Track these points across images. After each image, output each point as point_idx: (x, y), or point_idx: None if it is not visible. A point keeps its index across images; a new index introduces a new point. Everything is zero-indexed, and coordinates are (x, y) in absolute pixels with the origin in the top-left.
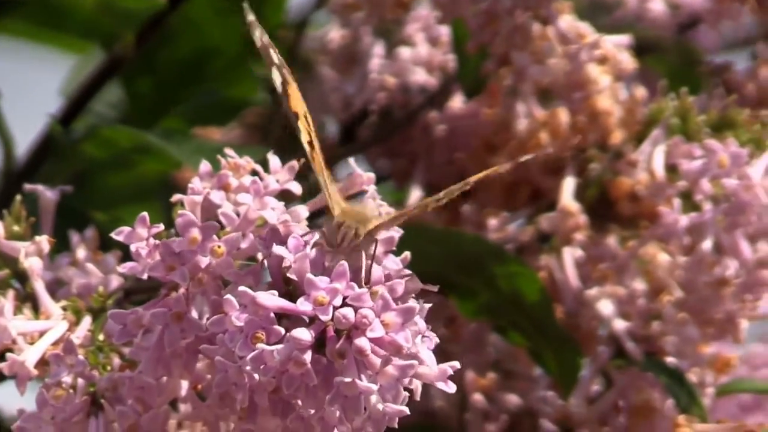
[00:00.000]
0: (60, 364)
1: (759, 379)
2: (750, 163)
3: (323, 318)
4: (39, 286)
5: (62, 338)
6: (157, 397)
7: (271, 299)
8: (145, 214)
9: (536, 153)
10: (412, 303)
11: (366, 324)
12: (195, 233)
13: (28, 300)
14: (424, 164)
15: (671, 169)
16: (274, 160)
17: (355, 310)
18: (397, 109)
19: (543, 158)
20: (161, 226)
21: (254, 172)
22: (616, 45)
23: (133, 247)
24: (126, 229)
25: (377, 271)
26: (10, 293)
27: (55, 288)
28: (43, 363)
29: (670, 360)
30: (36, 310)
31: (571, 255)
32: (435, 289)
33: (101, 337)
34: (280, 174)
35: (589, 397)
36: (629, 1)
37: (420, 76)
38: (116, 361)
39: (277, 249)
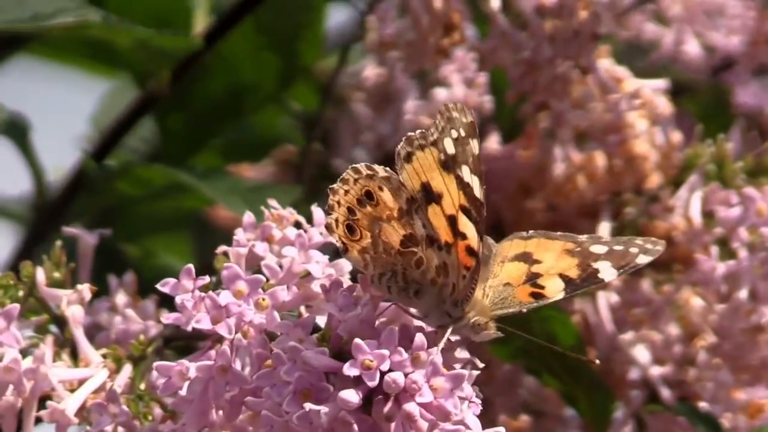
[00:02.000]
0: (103, 413)
1: None
2: None
3: (370, 383)
4: (79, 334)
5: (102, 386)
6: None
7: (318, 358)
8: (190, 266)
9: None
10: (461, 370)
11: (416, 389)
12: (241, 286)
13: (66, 346)
14: None
15: (707, 215)
16: (317, 212)
17: (405, 374)
18: None
19: (579, 201)
20: (207, 279)
21: (297, 224)
22: (653, 89)
23: (178, 299)
24: (171, 280)
25: (421, 336)
26: (49, 339)
27: (93, 332)
28: (82, 410)
29: (703, 405)
30: (74, 356)
31: (605, 299)
32: (481, 365)
33: (142, 386)
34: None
35: None
36: (665, 44)
37: None
38: (157, 410)
39: (326, 306)
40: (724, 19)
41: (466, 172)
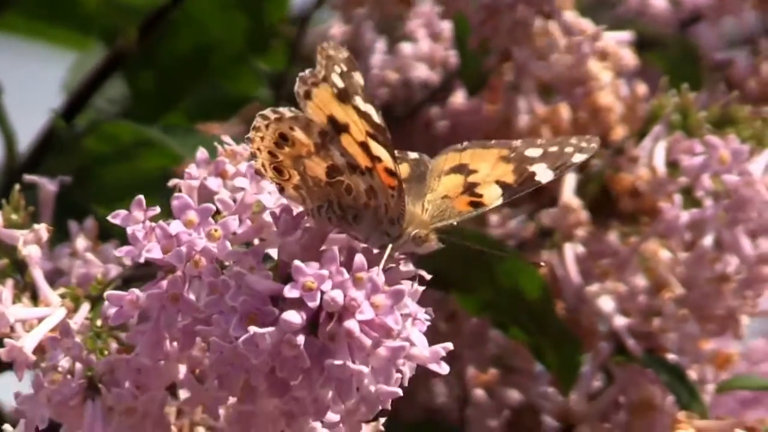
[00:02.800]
0: (57, 348)
1: (759, 374)
2: (751, 160)
3: (310, 304)
4: (37, 274)
5: (60, 325)
6: (155, 379)
7: (260, 282)
8: (141, 197)
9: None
10: (401, 286)
11: (355, 306)
12: (191, 215)
13: (26, 289)
14: None
15: (672, 165)
16: None
17: (345, 293)
18: (398, 104)
19: None
20: (157, 209)
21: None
22: (618, 41)
23: (129, 230)
24: (122, 212)
25: (360, 256)
26: (9, 282)
27: (55, 278)
28: (41, 350)
29: (670, 356)
30: (35, 299)
31: (572, 251)
32: (427, 276)
33: (99, 323)
34: None
35: (589, 393)
36: None
37: (422, 72)
38: (114, 346)
39: (269, 231)
40: None
41: (360, 102)
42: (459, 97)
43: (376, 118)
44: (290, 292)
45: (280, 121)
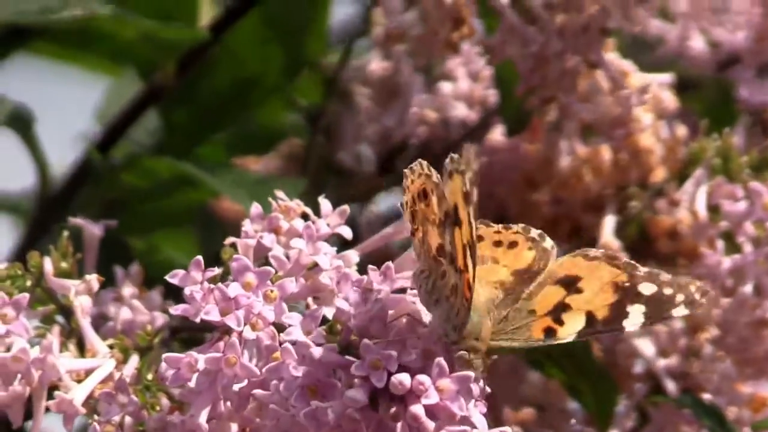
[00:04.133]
0: (112, 403)
1: None
2: None
3: (377, 384)
4: (86, 324)
5: (110, 377)
6: None
7: (326, 355)
8: (199, 258)
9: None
10: (467, 372)
11: (422, 391)
12: (250, 278)
13: (72, 336)
14: None
15: (713, 209)
16: (325, 204)
17: (412, 375)
18: (436, 142)
19: (584, 195)
20: (216, 270)
21: (305, 215)
22: (659, 84)
23: (187, 291)
24: (180, 272)
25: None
26: (56, 329)
27: (99, 323)
28: (89, 400)
29: (707, 397)
30: (80, 346)
31: None
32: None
33: (150, 376)
34: (331, 218)
35: None
36: (670, 39)
37: (460, 111)
38: (164, 401)
39: (338, 302)
40: (729, 15)
41: (472, 213)
42: (497, 135)
43: (474, 232)
44: (358, 370)
45: (429, 178)
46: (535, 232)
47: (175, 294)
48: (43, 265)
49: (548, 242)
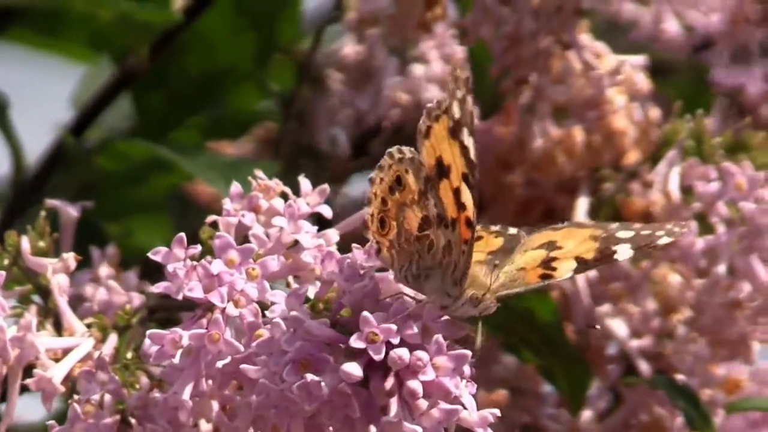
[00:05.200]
0: (91, 381)
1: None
2: (766, 187)
3: (376, 357)
4: (64, 303)
5: (88, 355)
6: (189, 417)
7: (322, 329)
8: (182, 234)
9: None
10: (464, 350)
11: (420, 366)
12: (233, 255)
13: (49, 315)
14: None
15: (686, 190)
16: (305, 183)
17: (410, 349)
18: (409, 124)
19: (558, 177)
20: (198, 248)
21: (283, 195)
22: (632, 66)
23: (170, 267)
24: (163, 249)
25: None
26: (33, 308)
27: (75, 304)
28: (67, 379)
29: (680, 378)
30: (57, 325)
31: (583, 274)
32: (479, 339)
33: (129, 354)
34: (311, 197)
35: (598, 414)
36: (644, 22)
37: (433, 94)
38: (144, 380)
39: (332, 275)
40: None
41: (466, 135)
42: None
43: (473, 154)
44: (356, 342)
45: (401, 162)
46: (495, 227)
47: (150, 276)
48: (21, 243)
49: (512, 229)
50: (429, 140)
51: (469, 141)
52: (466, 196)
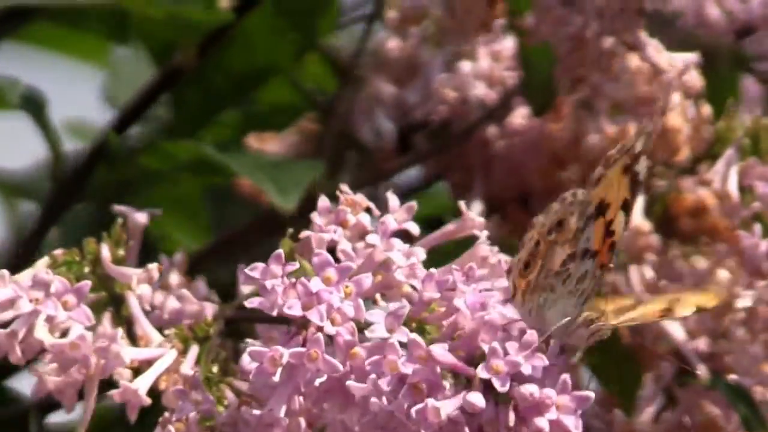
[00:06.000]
0: (185, 400)
1: None
2: None
3: (501, 390)
4: (140, 313)
5: (171, 367)
6: None
7: (446, 355)
8: (280, 251)
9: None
10: (588, 392)
11: (548, 406)
12: (330, 273)
13: (122, 324)
14: (482, 179)
15: (744, 190)
16: (392, 199)
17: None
18: (456, 122)
19: None
20: (296, 264)
21: (368, 210)
22: (685, 63)
23: (268, 284)
24: (260, 265)
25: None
26: (107, 316)
27: None
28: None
29: (734, 378)
30: (130, 334)
31: (637, 272)
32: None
33: (215, 369)
34: (398, 213)
35: (650, 415)
36: (687, 11)
37: (480, 90)
38: (230, 395)
39: (457, 302)
40: None
41: (641, 164)
42: (518, 117)
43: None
44: (482, 372)
45: (570, 205)
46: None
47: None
48: (100, 251)
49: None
50: (599, 186)
51: (642, 166)
52: (618, 223)
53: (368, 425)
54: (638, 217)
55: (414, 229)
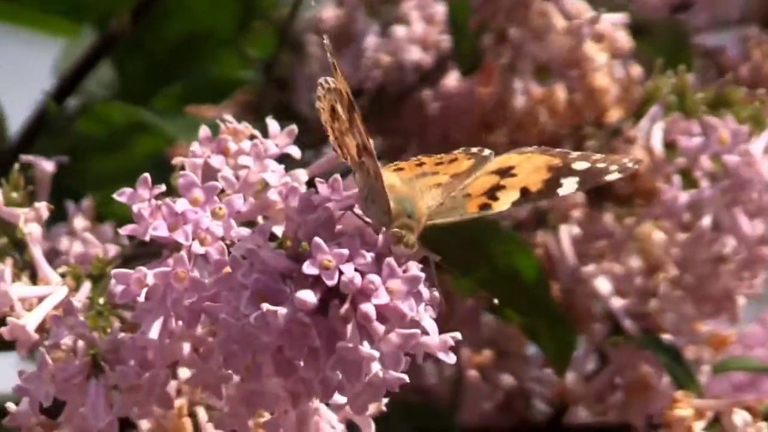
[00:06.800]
0: (60, 326)
1: (753, 359)
2: (750, 140)
3: (329, 282)
4: (37, 253)
5: (62, 303)
6: (159, 358)
7: (276, 259)
8: (146, 175)
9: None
10: (417, 272)
11: (372, 290)
12: (197, 194)
13: (26, 268)
14: (418, 141)
15: (669, 146)
16: (273, 124)
17: (362, 275)
18: (391, 86)
19: (540, 136)
20: (163, 187)
21: (253, 137)
22: (613, 23)
23: (135, 208)
24: (128, 190)
25: (384, 239)
26: (8, 261)
27: (52, 257)
28: (42, 328)
29: (666, 337)
30: (34, 278)
31: (567, 232)
32: (437, 258)
33: (101, 301)
34: (279, 138)
35: (584, 375)
36: None
37: (415, 55)
38: (117, 324)
39: (290, 210)
40: None
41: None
42: (452, 79)
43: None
44: (309, 268)
45: (330, 92)
46: (474, 149)
47: None
48: None
49: (487, 151)
50: (335, 75)
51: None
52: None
53: (227, 341)
54: None
55: (295, 152)
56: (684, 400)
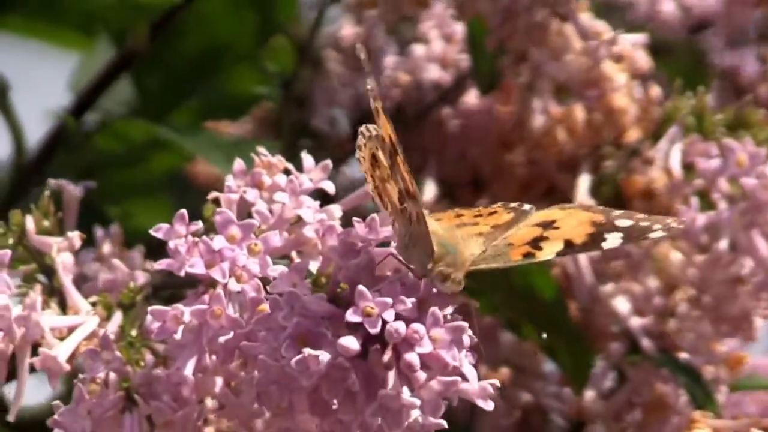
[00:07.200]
0: (97, 360)
1: None
2: (767, 163)
3: (372, 331)
4: (68, 282)
5: (93, 333)
6: (193, 393)
7: (318, 304)
8: (183, 211)
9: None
10: (461, 322)
11: (416, 339)
12: (234, 231)
13: (54, 295)
14: (437, 160)
15: (687, 167)
16: (307, 159)
17: (405, 322)
18: (410, 105)
19: (558, 155)
20: (200, 224)
21: (287, 171)
22: (633, 44)
23: (171, 244)
24: (164, 225)
25: (426, 285)
26: (38, 287)
27: (80, 283)
28: (73, 358)
29: (683, 356)
30: (62, 305)
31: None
32: (477, 304)
33: (134, 332)
34: (314, 173)
35: (602, 393)
36: (640, 3)
37: (434, 73)
38: (148, 356)
39: (325, 251)
40: None
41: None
42: (471, 98)
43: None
44: (352, 316)
45: (371, 139)
46: (514, 204)
47: (153, 256)
48: (25, 223)
49: (526, 206)
50: (379, 118)
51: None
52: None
53: (264, 381)
54: (582, 195)
55: (329, 187)
56: (702, 420)
